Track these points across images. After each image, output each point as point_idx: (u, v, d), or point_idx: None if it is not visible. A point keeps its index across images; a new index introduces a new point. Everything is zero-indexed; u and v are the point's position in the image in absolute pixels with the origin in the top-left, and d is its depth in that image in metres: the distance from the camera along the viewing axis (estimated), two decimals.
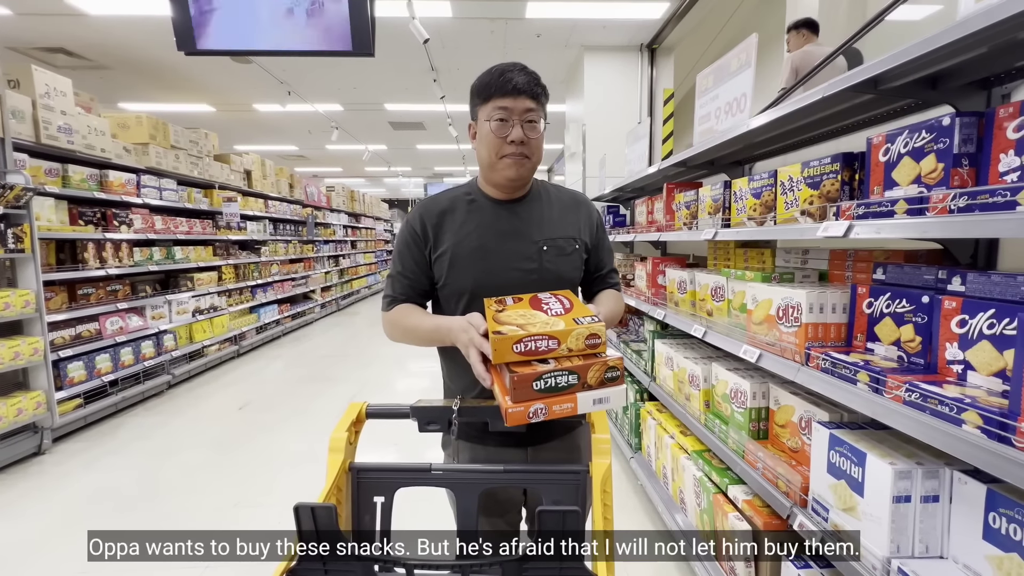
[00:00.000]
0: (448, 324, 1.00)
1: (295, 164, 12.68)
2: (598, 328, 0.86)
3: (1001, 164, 0.98)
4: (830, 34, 3.60)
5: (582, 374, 0.82)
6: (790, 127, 1.78)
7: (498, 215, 1.13)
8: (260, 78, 5.78)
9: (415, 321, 1.09)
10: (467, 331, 0.93)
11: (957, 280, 1.05)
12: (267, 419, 3.96)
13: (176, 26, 2.85)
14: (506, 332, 0.84)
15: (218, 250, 5.74)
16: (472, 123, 1.13)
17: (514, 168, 1.07)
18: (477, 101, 1.09)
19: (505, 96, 1.04)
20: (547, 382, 0.80)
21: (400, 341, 1.16)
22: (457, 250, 1.10)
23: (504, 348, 0.83)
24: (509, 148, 1.05)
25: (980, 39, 0.96)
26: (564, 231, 1.15)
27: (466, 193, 1.16)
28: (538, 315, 0.91)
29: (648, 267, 2.71)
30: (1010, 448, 0.81)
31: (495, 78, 1.05)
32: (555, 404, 0.81)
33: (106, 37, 4.74)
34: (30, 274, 3.23)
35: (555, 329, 0.84)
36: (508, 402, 0.80)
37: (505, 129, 1.05)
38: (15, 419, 3.06)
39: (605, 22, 4.52)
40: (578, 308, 0.94)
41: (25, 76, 3.35)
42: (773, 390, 1.60)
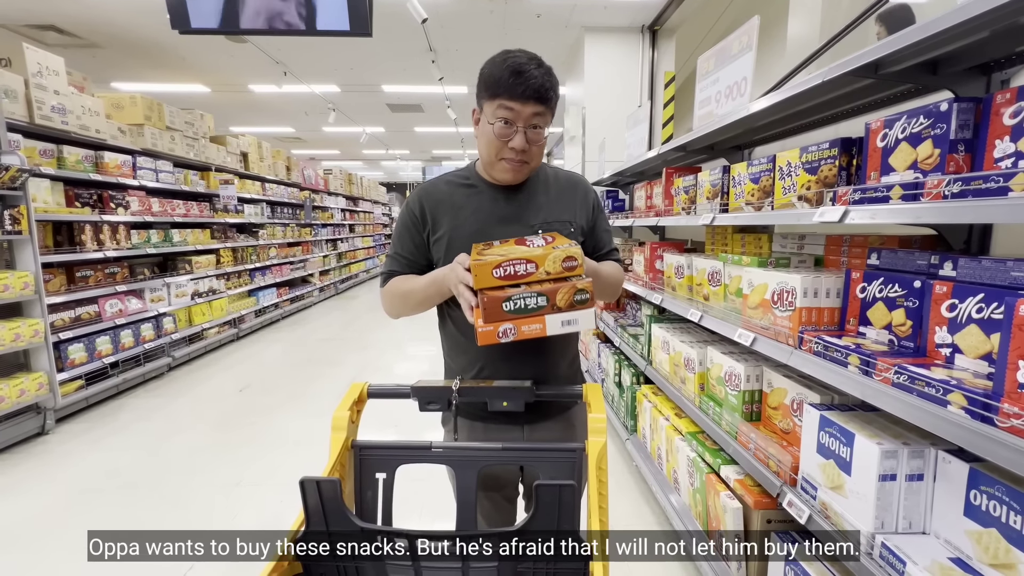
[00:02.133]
0: (439, 271, 1.05)
1: (292, 146, 12.54)
2: (575, 251, 0.88)
3: (996, 150, 0.98)
4: (832, 17, 3.55)
5: (551, 296, 0.85)
6: (790, 111, 1.78)
7: (495, 199, 1.14)
8: (256, 58, 5.68)
9: (410, 284, 1.12)
10: (454, 269, 0.96)
11: (949, 265, 1.06)
12: (267, 401, 4.00)
13: (170, 3, 2.80)
14: (486, 259, 0.87)
15: (216, 233, 5.72)
16: (476, 109, 1.10)
17: (510, 173, 1.09)
18: (484, 93, 1.04)
19: (514, 99, 0.99)
20: (516, 303, 0.84)
21: (399, 311, 1.18)
22: (454, 233, 1.12)
23: (484, 273, 0.86)
24: (508, 153, 1.05)
25: (979, 24, 0.96)
26: (561, 214, 1.16)
27: (465, 178, 1.18)
28: (519, 248, 0.94)
29: (646, 252, 2.72)
30: (993, 428, 0.83)
31: (507, 76, 0.98)
32: (524, 325, 0.85)
33: (98, 14, 4.64)
34: (28, 256, 3.22)
35: (533, 253, 0.87)
36: (480, 322, 0.83)
37: (508, 133, 1.02)
38: (18, 399, 3.09)
39: (606, 2, 4.44)
40: (559, 240, 0.97)
41: (17, 54, 3.29)
42: (767, 373, 1.63)
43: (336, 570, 0.77)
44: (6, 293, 3.03)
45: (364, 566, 0.77)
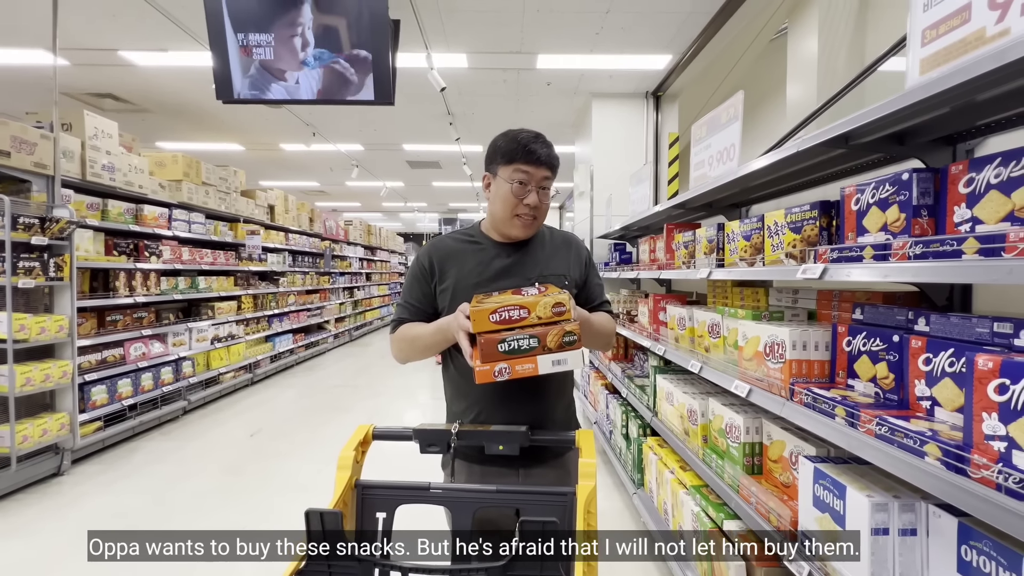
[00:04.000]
0: (444, 319, 1.16)
1: (316, 199, 13.19)
2: (563, 298, 0.98)
3: (955, 215, 1.07)
4: (829, 81, 3.77)
5: (542, 338, 0.95)
6: (778, 175, 1.90)
7: (498, 255, 1.27)
8: (288, 121, 6.17)
9: (418, 330, 1.22)
10: (456, 317, 1.07)
11: (922, 321, 1.12)
12: (277, 447, 4.03)
13: (216, 77, 3.13)
14: (484, 305, 0.98)
15: (239, 280, 5.98)
16: (487, 175, 1.26)
17: (523, 229, 1.24)
18: (499, 160, 1.21)
19: (529, 164, 1.18)
20: (510, 344, 0.94)
21: (407, 356, 1.28)
22: (459, 284, 1.23)
23: (482, 318, 0.96)
24: (523, 209, 1.21)
25: (935, 103, 1.07)
26: (556, 268, 1.28)
27: (470, 236, 1.32)
28: (515, 297, 1.05)
29: (650, 304, 2.80)
30: (966, 479, 0.86)
31: (520, 148, 1.18)
32: (517, 364, 0.94)
33: (151, 84, 5.16)
34: (66, 301, 3.43)
35: (526, 301, 0.98)
36: (477, 362, 0.92)
37: (523, 192, 1.19)
38: (40, 439, 3.18)
39: (612, 72, 4.78)
40: (551, 289, 1.09)
41: (77, 119, 3.67)
42: (766, 425, 1.65)
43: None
44: (42, 335, 3.20)
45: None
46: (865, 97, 2.95)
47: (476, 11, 3.74)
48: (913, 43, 1.07)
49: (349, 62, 3.07)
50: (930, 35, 1.03)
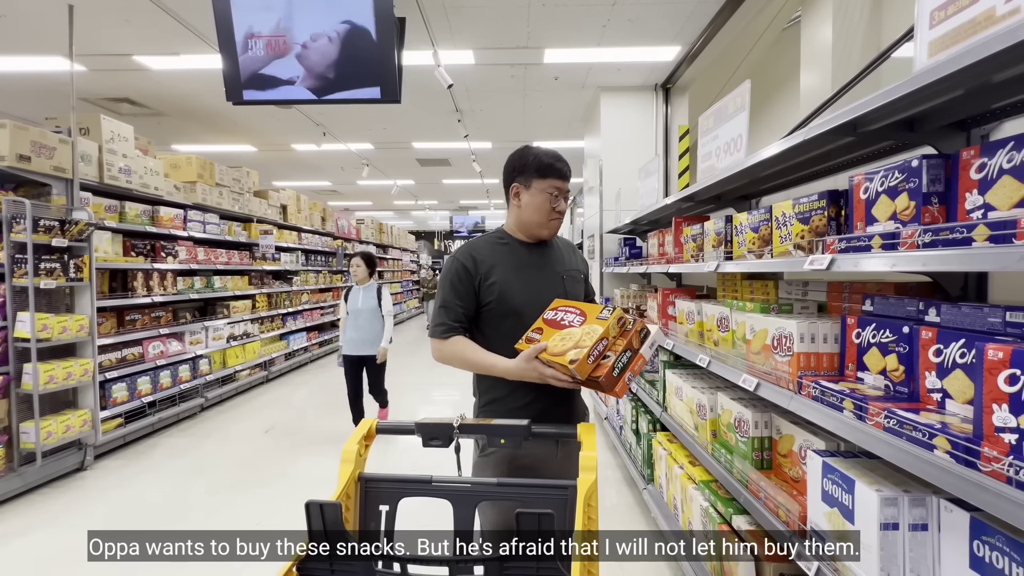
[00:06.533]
0: (518, 369, 1.28)
1: (328, 198, 13.32)
2: (618, 312, 1.22)
3: (967, 202, 1.04)
4: (844, 70, 3.68)
5: (630, 347, 1.20)
6: (787, 165, 1.86)
7: (530, 253, 1.50)
8: (299, 121, 6.24)
9: (477, 356, 1.38)
10: (536, 369, 1.24)
11: (933, 311, 1.09)
12: (290, 443, 4.10)
13: (226, 79, 3.18)
14: (574, 356, 1.14)
15: (253, 279, 6.07)
16: (517, 186, 1.47)
17: (550, 229, 1.51)
18: (534, 174, 1.44)
19: (559, 179, 1.46)
20: (620, 367, 1.17)
21: (453, 365, 1.44)
22: (505, 277, 1.42)
23: (585, 369, 1.14)
24: (554, 215, 1.48)
25: (944, 87, 1.04)
26: (573, 265, 1.57)
27: (500, 237, 1.52)
28: (571, 332, 1.22)
29: (659, 298, 2.77)
30: (977, 472, 0.84)
31: (553, 165, 1.44)
32: (629, 370, 1.20)
33: (166, 88, 5.25)
34: (86, 301, 3.52)
35: (599, 333, 1.18)
36: (616, 390, 1.17)
37: (556, 201, 1.46)
38: (63, 435, 3.28)
39: (620, 65, 4.73)
40: (587, 308, 1.27)
41: (94, 124, 3.76)
42: (775, 420, 1.62)
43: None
44: (64, 335, 3.30)
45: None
46: (881, 85, 2.86)
47: (481, 6, 3.73)
48: (921, 25, 1.04)
49: (355, 61, 3.09)
50: (938, 16, 1.00)
